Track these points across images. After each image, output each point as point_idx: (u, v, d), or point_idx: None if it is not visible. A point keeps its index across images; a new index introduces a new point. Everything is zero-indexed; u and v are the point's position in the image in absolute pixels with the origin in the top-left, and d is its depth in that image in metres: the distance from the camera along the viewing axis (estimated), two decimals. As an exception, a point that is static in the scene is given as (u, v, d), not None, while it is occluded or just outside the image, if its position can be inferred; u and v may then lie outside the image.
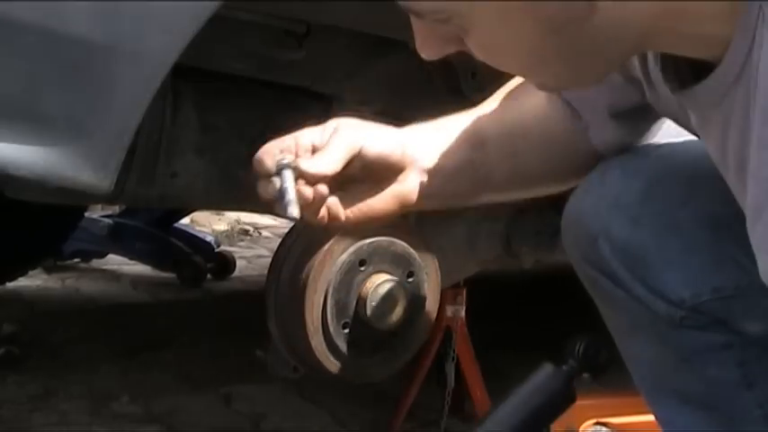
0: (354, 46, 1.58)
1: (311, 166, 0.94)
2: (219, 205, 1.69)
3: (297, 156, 0.95)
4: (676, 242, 0.96)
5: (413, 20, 0.78)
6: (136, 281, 4.50)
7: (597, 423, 2.19)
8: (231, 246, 5.36)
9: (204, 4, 1.08)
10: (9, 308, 3.72)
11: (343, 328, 1.23)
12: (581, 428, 2.18)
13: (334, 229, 1.11)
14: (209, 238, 4.74)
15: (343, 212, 0.99)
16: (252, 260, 5.18)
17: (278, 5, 1.40)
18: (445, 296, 2.53)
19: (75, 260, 4.69)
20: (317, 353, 1.22)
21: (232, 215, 5.82)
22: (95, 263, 4.78)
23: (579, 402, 2.30)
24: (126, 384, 2.83)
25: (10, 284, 3.84)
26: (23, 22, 1.00)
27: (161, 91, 1.09)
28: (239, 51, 1.47)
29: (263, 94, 1.62)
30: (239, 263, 4.84)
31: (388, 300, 1.24)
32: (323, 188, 0.94)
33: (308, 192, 0.93)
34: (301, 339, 1.23)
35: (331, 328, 1.22)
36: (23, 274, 3.80)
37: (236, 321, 3.70)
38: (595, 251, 1.00)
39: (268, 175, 0.95)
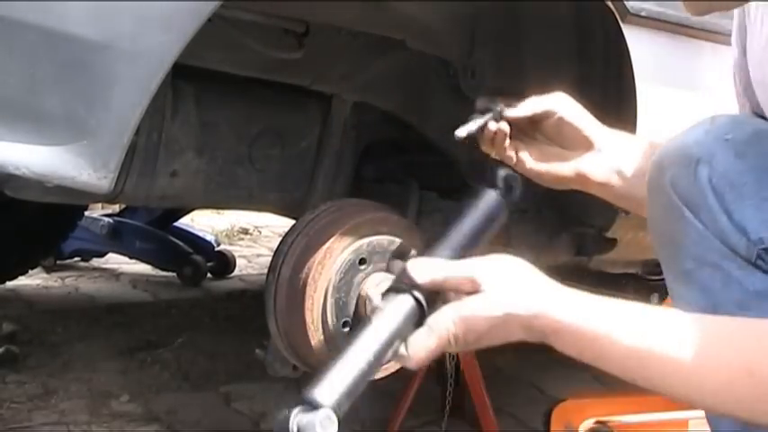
0: (353, 46, 1.58)
1: (508, 110, 1.16)
2: (219, 204, 1.70)
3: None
4: None
5: None
6: (136, 280, 4.50)
7: (597, 422, 2.19)
8: (231, 245, 5.36)
9: (204, 4, 1.08)
10: (9, 307, 3.72)
11: (343, 326, 1.23)
12: (580, 427, 2.18)
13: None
14: (209, 238, 4.74)
15: (530, 162, 1.20)
16: (252, 259, 5.18)
17: (277, 5, 1.40)
18: (445, 295, 2.53)
19: (75, 259, 4.68)
20: (316, 352, 1.22)
21: (232, 214, 5.82)
22: (95, 262, 4.78)
23: (579, 401, 2.31)
24: (125, 383, 2.83)
25: (10, 283, 3.84)
26: (23, 21, 1.00)
27: (161, 90, 1.09)
28: (239, 51, 1.47)
29: (262, 93, 1.62)
30: (239, 262, 4.84)
31: (388, 299, 1.24)
32: (505, 126, 1.16)
33: (494, 126, 1.15)
34: (301, 338, 1.23)
35: (331, 327, 1.22)
36: (23, 273, 3.80)
37: (236, 320, 3.70)
38: (690, 175, 1.03)
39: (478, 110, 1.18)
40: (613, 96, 1.57)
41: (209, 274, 4.54)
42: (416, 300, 0.97)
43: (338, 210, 1.30)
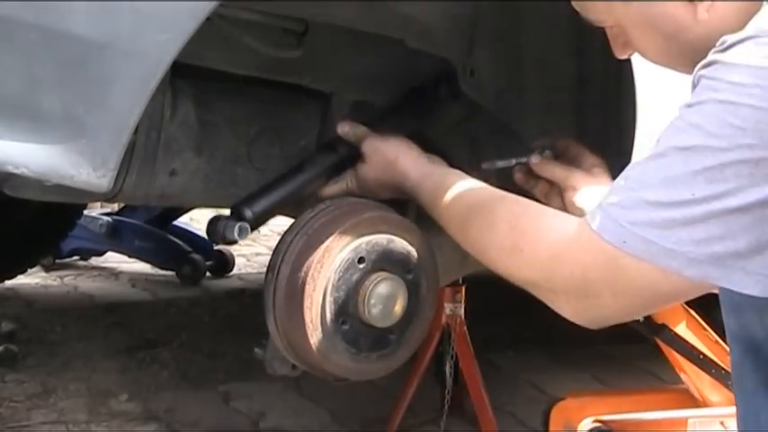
0: (353, 45, 1.58)
1: (535, 164, 1.36)
2: (219, 203, 1.70)
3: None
4: None
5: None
6: (135, 279, 4.51)
7: (596, 421, 2.20)
8: (230, 244, 5.36)
9: (203, 3, 1.08)
10: (8, 306, 3.73)
11: (342, 325, 1.23)
12: (579, 426, 2.18)
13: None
14: (208, 237, 4.73)
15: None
16: (251, 258, 5.19)
17: (277, 4, 1.40)
18: (444, 294, 2.53)
19: (74, 258, 4.69)
20: (315, 351, 1.22)
21: (231, 213, 5.81)
22: (94, 261, 4.78)
23: (578, 400, 2.31)
24: (125, 382, 2.84)
25: (8, 282, 3.84)
26: (22, 20, 1.00)
27: (160, 89, 1.09)
28: (238, 50, 1.47)
29: (261, 92, 1.62)
30: (238, 261, 4.84)
31: (387, 297, 1.24)
32: (518, 176, 1.38)
33: (519, 175, 1.38)
34: (300, 337, 1.23)
35: (330, 326, 1.22)
36: (22, 272, 3.80)
37: (235, 319, 3.70)
38: None
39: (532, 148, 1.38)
40: (613, 96, 1.57)
41: (208, 273, 4.55)
42: (340, 155, 1.45)
43: (337, 208, 1.30)
